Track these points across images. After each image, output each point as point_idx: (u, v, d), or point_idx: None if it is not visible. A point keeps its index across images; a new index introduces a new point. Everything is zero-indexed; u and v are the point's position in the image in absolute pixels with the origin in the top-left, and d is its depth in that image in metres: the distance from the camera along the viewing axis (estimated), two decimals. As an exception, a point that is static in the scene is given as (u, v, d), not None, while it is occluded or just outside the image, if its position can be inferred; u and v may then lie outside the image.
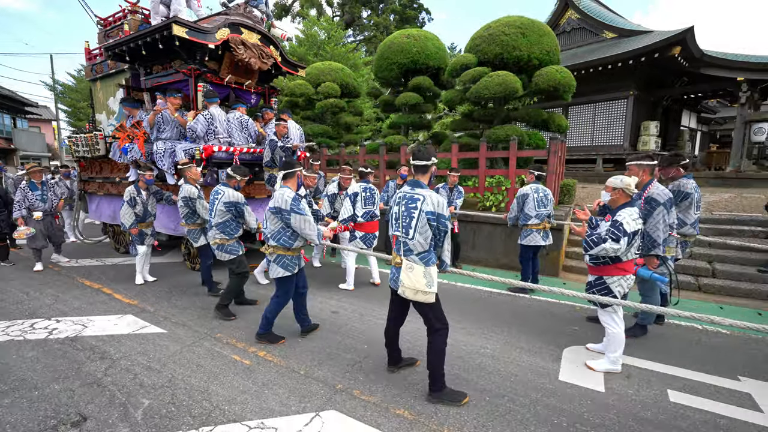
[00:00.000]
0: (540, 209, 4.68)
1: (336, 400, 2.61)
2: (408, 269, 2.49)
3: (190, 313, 4.17)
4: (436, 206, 2.44)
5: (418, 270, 2.45)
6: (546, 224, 4.74)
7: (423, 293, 2.47)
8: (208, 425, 2.34)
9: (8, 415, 2.42)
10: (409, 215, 2.49)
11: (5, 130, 26.21)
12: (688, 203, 3.76)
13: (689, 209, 3.78)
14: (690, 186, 3.75)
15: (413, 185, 2.57)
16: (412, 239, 2.48)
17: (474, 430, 2.32)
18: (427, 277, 2.45)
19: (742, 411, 2.53)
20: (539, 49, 6.34)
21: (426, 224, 2.44)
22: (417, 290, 2.46)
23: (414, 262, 2.49)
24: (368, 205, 4.87)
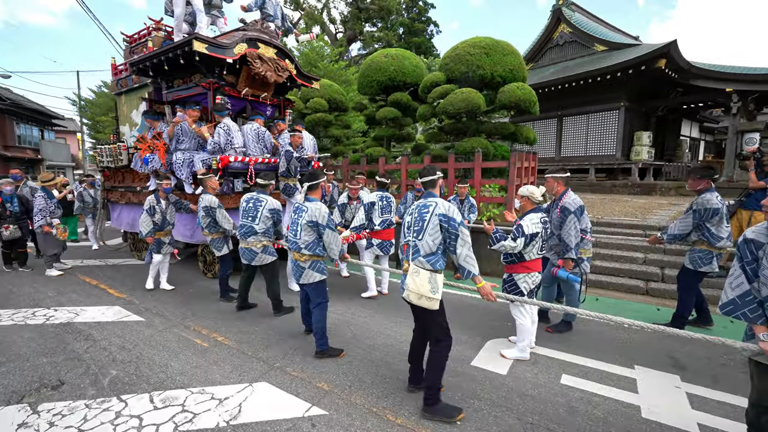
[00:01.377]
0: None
1: (270, 375, 3.08)
2: (414, 273, 2.49)
3: (169, 305, 4.72)
4: (447, 210, 2.48)
5: (423, 275, 2.46)
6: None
7: (427, 299, 2.44)
8: (159, 390, 2.85)
9: (3, 379, 2.98)
10: (421, 219, 2.54)
11: (33, 141, 27.89)
12: (718, 218, 3.67)
13: (720, 223, 3.69)
14: (715, 201, 3.65)
15: (426, 196, 2.68)
16: (421, 240, 2.51)
17: (377, 400, 2.76)
18: (431, 283, 2.44)
19: (618, 391, 2.89)
20: (502, 68, 6.81)
21: (437, 226, 2.47)
22: (421, 295, 2.44)
23: (421, 265, 2.49)
24: (385, 214, 4.90)
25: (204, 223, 4.66)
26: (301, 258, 3.39)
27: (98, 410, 2.60)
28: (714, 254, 3.76)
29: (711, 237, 3.71)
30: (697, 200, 3.73)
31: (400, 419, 2.54)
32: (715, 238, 3.70)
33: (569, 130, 15.52)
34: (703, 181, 3.77)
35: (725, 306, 2.06)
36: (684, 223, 3.81)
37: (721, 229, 3.70)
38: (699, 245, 3.83)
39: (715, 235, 3.70)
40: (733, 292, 2.04)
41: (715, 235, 3.70)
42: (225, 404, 2.68)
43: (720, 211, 3.66)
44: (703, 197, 3.69)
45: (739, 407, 2.70)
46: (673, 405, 2.73)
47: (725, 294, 2.08)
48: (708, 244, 3.74)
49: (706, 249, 3.77)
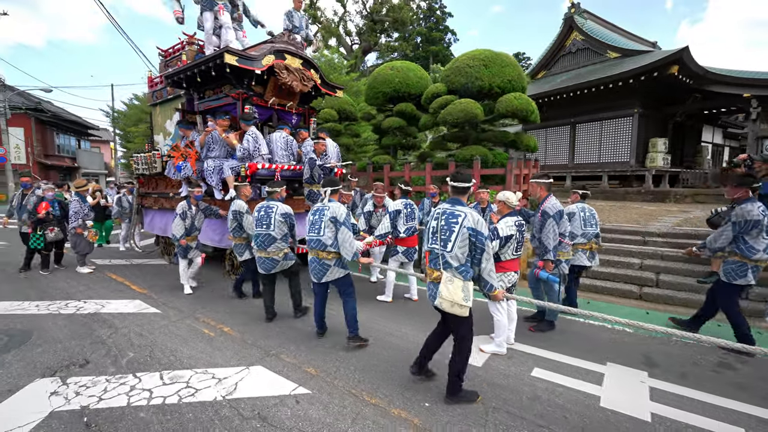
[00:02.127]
0: (587, 228, 4.41)
1: (266, 360, 3.44)
2: (448, 281, 2.56)
3: (184, 300, 5.17)
4: (476, 224, 2.55)
5: (457, 283, 2.53)
6: (593, 245, 4.46)
7: (459, 306, 2.53)
8: (168, 370, 3.25)
9: (39, 357, 3.46)
10: (449, 229, 2.59)
11: (71, 150, 29.76)
12: (758, 230, 3.50)
13: (759, 235, 3.52)
14: (756, 212, 3.47)
15: (453, 203, 2.70)
16: (450, 252, 2.57)
17: (357, 383, 3.06)
18: (464, 291, 2.53)
19: (583, 383, 3.09)
20: (500, 79, 7.05)
21: (466, 239, 2.54)
22: (454, 303, 2.53)
23: (454, 275, 2.56)
24: (410, 221, 4.94)
25: (230, 227, 4.84)
26: (327, 256, 3.53)
27: (116, 384, 3.02)
28: (749, 266, 3.57)
29: (746, 249, 3.55)
30: (736, 211, 3.56)
31: (375, 399, 2.83)
32: (751, 251, 3.53)
33: (582, 137, 15.46)
34: (741, 190, 3.61)
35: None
36: (724, 235, 3.66)
37: (758, 241, 3.52)
38: (732, 256, 3.67)
39: (751, 247, 3.53)
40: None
41: (752, 248, 3.53)
42: (223, 383, 3.04)
43: (761, 222, 3.46)
44: (743, 208, 3.51)
45: (696, 401, 2.86)
46: (633, 397, 2.91)
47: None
48: (741, 255, 3.59)
49: (740, 261, 3.60)
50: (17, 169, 22.53)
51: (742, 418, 2.66)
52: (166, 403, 2.77)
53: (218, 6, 6.57)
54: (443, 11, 47.00)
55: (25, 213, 6.45)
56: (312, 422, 2.55)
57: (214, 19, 6.60)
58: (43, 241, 6.51)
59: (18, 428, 2.46)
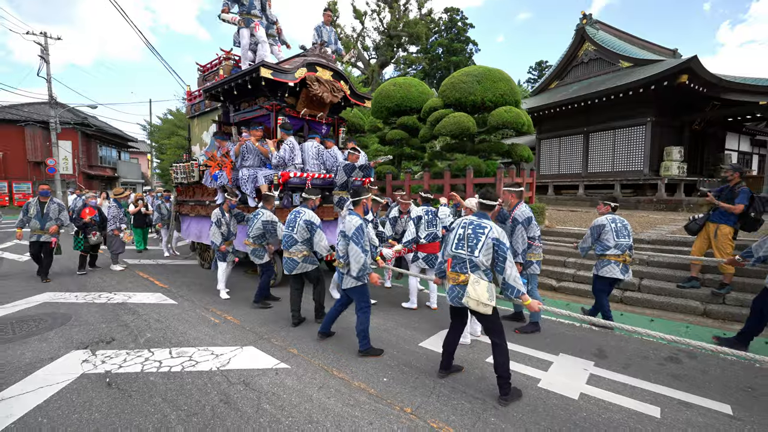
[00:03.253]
0: (620, 239, 4.31)
1: (258, 342, 4.01)
2: (475, 282, 2.84)
3: (198, 294, 5.85)
4: (500, 235, 2.87)
5: (483, 284, 2.83)
6: (626, 257, 4.34)
7: (483, 305, 2.81)
8: (176, 347, 3.87)
9: (76, 335, 4.17)
10: (476, 238, 2.90)
11: (112, 161, 32.07)
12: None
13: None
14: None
15: (480, 216, 3.03)
16: (477, 257, 2.86)
17: (330, 363, 3.57)
18: (489, 292, 2.82)
19: (529, 368, 3.46)
20: (492, 94, 7.45)
21: (491, 248, 2.85)
22: (479, 302, 2.80)
23: (480, 277, 2.87)
24: (431, 228, 5.04)
25: (254, 234, 5.09)
26: (340, 265, 3.76)
27: (134, 356, 3.66)
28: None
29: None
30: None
31: (342, 374, 3.33)
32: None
33: (596, 146, 15.45)
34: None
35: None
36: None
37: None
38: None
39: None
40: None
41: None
42: (219, 358, 3.63)
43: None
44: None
45: (629, 386, 3.19)
46: (570, 380, 3.26)
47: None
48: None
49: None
50: (65, 179, 24.66)
51: (664, 401, 2.96)
52: (171, 371, 3.37)
53: (254, 23, 6.93)
54: (464, 22, 47.52)
55: (49, 221, 6.52)
56: (285, 388, 3.08)
57: (250, 36, 6.93)
58: (84, 243, 7.36)
59: (56, 384, 3.12)
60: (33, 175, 24.92)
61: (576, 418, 2.71)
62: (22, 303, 5.29)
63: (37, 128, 24.74)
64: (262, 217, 5.10)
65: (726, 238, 5.17)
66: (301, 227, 4.26)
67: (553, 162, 17.07)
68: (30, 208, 6.47)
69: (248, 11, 7.03)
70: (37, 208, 6.48)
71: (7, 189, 23.95)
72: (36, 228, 6.45)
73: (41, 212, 6.47)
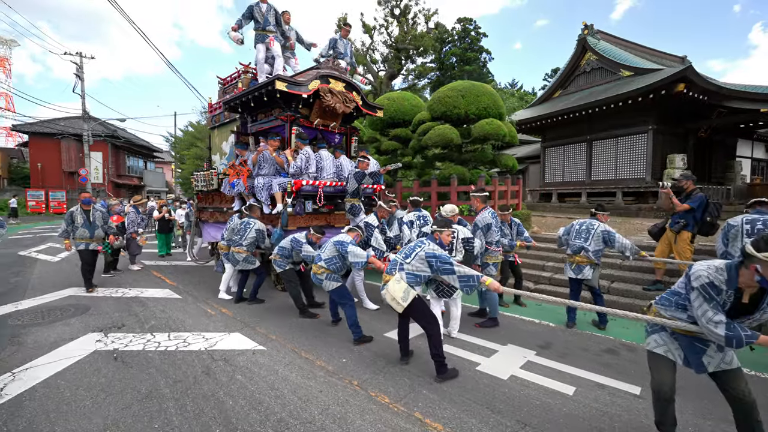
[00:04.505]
0: (575, 241, 4.77)
1: (244, 329, 4.60)
2: (396, 281, 3.28)
3: (203, 292, 6.51)
4: (436, 250, 3.32)
5: (402, 285, 3.24)
6: (577, 258, 4.72)
7: (397, 303, 3.23)
8: (174, 332, 4.50)
9: (93, 321, 4.87)
10: (413, 249, 3.43)
11: (138, 170, 33.89)
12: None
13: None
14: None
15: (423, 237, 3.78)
16: (408, 263, 3.36)
17: (301, 347, 4.11)
18: (405, 293, 3.23)
19: (474, 355, 3.90)
20: (476, 107, 7.91)
21: (424, 259, 3.27)
22: (393, 298, 3.24)
23: (403, 278, 3.29)
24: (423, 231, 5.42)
25: (248, 242, 5.56)
26: (318, 271, 4.37)
27: (138, 338, 4.31)
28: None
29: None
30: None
31: (308, 355, 3.87)
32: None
33: (599, 154, 15.57)
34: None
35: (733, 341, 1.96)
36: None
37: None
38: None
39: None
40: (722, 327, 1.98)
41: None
42: (209, 341, 4.23)
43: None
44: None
45: (558, 371, 3.59)
46: (506, 365, 3.69)
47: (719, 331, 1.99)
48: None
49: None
50: (95, 188, 26.34)
51: (582, 382, 3.36)
52: (167, 350, 3.99)
53: (269, 38, 7.22)
54: (477, 32, 48.04)
55: (97, 229, 6.53)
56: (258, 364, 3.65)
57: (266, 50, 7.23)
58: (110, 248, 8.12)
59: (74, 357, 3.78)
60: (67, 184, 26.76)
61: (496, 393, 3.16)
62: (51, 296, 6.09)
63: (71, 141, 26.64)
64: (255, 226, 5.61)
65: (685, 242, 5.46)
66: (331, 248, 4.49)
67: (557, 170, 17.23)
68: (76, 218, 6.34)
69: (263, 27, 7.34)
70: (83, 217, 6.39)
71: (44, 197, 25.80)
72: (85, 236, 6.36)
73: (88, 220, 6.41)
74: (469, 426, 2.69)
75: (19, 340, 4.23)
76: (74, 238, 6.35)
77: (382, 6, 20.74)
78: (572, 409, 2.93)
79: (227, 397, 3.05)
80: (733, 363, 2.19)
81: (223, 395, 3.07)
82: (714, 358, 2.20)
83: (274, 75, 6.41)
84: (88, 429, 2.62)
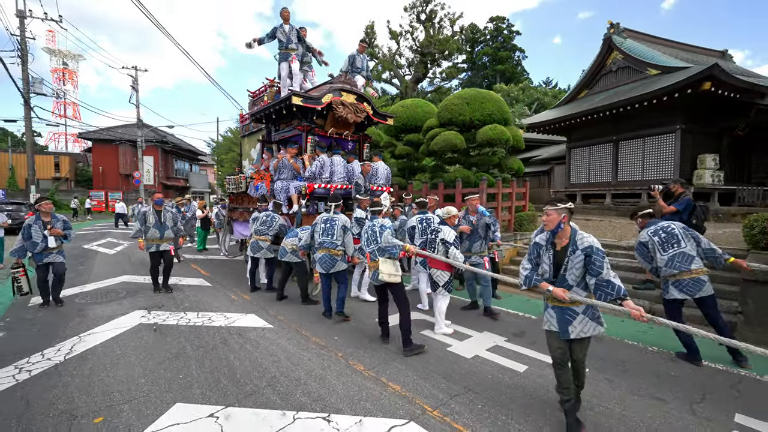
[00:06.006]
0: None
1: (258, 312, 5.40)
2: (383, 263, 4.06)
3: (230, 283, 7.45)
4: (391, 228, 4.31)
5: (389, 262, 4.04)
6: None
7: (393, 276, 4.00)
8: (202, 311, 5.38)
9: (140, 302, 5.88)
10: (375, 234, 4.28)
11: (184, 173, 36.54)
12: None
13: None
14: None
15: (374, 218, 4.56)
16: (379, 245, 4.20)
17: (302, 327, 4.84)
18: (395, 266, 4.05)
19: (450, 339, 4.44)
20: (480, 113, 8.30)
21: (387, 236, 4.20)
22: (390, 274, 3.98)
23: (386, 258, 4.10)
24: (424, 235, 5.77)
25: (273, 233, 6.36)
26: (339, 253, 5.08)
27: (174, 315, 5.22)
28: None
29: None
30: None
31: (307, 333, 4.59)
32: None
33: (625, 155, 15.26)
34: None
35: (523, 282, 2.92)
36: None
37: None
38: None
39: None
40: (525, 271, 2.93)
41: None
42: (228, 319, 5.06)
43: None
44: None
45: (519, 353, 4.06)
46: (474, 348, 4.20)
47: (521, 275, 2.94)
48: None
49: None
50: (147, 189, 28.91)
51: (535, 363, 3.81)
52: (195, 325, 4.86)
53: (291, 57, 7.94)
54: (510, 30, 47.32)
55: (167, 229, 6.49)
56: (264, 338, 4.41)
57: (288, 68, 7.99)
58: None
59: (123, 327, 4.72)
60: (123, 186, 29.57)
61: (456, 367, 3.70)
62: (109, 281, 7.26)
63: (127, 146, 29.41)
64: (279, 221, 6.48)
65: (673, 244, 5.63)
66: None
67: (583, 171, 17.01)
68: (148, 217, 6.33)
69: (286, 46, 8.10)
70: (155, 217, 6.35)
71: (104, 197, 28.69)
72: (155, 237, 6.35)
73: (159, 221, 6.39)
74: (422, 388, 3.27)
75: (83, 313, 5.28)
76: (146, 239, 6.37)
77: (408, 12, 21.34)
78: (517, 382, 3.43)
79: (236, 359, 3.82)
80: (588, 333, 2.76)
81: (233, 358, 3.84)
82: (576, 328, 2.74)
83: (290, 91, 7.16)
84: (133, 375, 3.47)
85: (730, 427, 2.79)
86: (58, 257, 5.61)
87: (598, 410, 2.99)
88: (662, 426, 2.79)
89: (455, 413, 2.90)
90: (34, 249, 5.43)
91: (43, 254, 5.49)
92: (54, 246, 5.54)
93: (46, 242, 5.47)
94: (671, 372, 3.69)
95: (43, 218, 5.53)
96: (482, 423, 2.79)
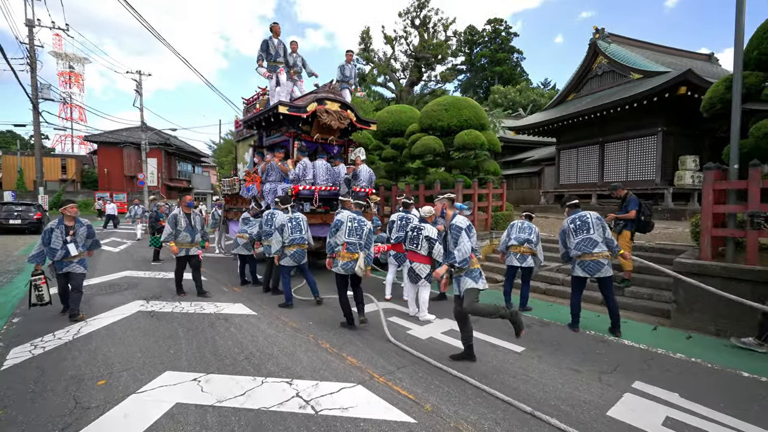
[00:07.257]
0: (519, 234, 5.68)
1: (246, 302, 5.99)
2: (361, 258, 4.59)
3: (222, 275, 8.06)
4: (370, 224, 4.87)
5: (362, 257, 4.60)
6: (522, 249, 5.63)
7: (363, 271, 4.62)
8: (196, 301, 5.98)
9: (140, 293, 6.49)
10: (360, 228, 4.70)
11: (187, 174, 37.26)
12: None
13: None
14: None
15: (359, 215, 4.82)
16: (361, 241, 4.69)
17: (284, 316, 5.42)
18: (366, 261, 4.64)
19: (409, 323, 5.01)
20: (457, 119, 8.85)
21: (370, 233, 4.76)
22: (361, 268, 4.57)
23: (363, 253, 4.65)
24: (400, 231, 6.20)
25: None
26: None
27: (169, 305, 5.82)
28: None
29: None
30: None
31: (285, 319, 5.17)
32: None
33: (611, 156, 15.74)
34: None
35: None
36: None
37: None
38: None
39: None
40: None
41: None
42: (218, 307, 5.66)
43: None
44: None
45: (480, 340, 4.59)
46: (432, 331, 4.76)
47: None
48: None
49: None
50: (151, 190, 29.66)
51: (482, 343, 4.36)
52: (188, 312, 5.45)
53: (279, 69, 8.64)
54: (508, 32, 47.74)
55: (197, 233, 6.39)
56: (247, 323, 5.00)
57: (276, 78, 8.65)
58: (158, 241, 9.92)
59: (124, 314, 5.33)
60: (128, 187, 30.36)
61: (411, 347, 4.26)
62: (112, 276, 7.89)
63: (131, 148, 30.19)
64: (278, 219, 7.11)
65: (626, 240, 6.17)
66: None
67: (571, 172, 17.48)
68: (179, 221, 6.16)
69: (274, 59, 8.87)
70: (186, 221, 6.21)
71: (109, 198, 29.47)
72: (186, 242, 6.23)
73: (190, 224, 6.25)
74: (375, 362, 3.84)
75: (90, 302, 5.90)
76: (177, 242, 6.18)
77: (402, 17, 21.92)
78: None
79: (221, 339, 4.40)
80: (462, 291, 3.78)
81: (218, 338, 4.43)
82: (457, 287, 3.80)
83: (276, 101, 7.76)
84: (131, 351, 4.06)
85: (625, 390, 3.33)
86: (79, 267, 5.16)
87: (521, 378, 3.54)
88: (571, 390, 3.33)
89: (398, 379, 3.46)
90: (53, 256, 4.99)
91: (63, 262, 5.04)
92: (75, 254, 5.11)
93: (66, 250, 5.03)
94: (597, 350, 4.23)
95: (66, 222, 5.12)
96: (418, 386, 3.35)
